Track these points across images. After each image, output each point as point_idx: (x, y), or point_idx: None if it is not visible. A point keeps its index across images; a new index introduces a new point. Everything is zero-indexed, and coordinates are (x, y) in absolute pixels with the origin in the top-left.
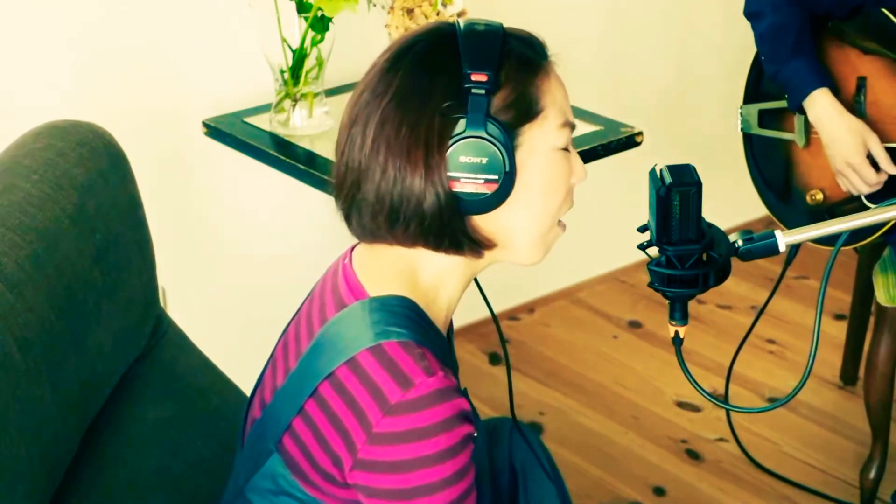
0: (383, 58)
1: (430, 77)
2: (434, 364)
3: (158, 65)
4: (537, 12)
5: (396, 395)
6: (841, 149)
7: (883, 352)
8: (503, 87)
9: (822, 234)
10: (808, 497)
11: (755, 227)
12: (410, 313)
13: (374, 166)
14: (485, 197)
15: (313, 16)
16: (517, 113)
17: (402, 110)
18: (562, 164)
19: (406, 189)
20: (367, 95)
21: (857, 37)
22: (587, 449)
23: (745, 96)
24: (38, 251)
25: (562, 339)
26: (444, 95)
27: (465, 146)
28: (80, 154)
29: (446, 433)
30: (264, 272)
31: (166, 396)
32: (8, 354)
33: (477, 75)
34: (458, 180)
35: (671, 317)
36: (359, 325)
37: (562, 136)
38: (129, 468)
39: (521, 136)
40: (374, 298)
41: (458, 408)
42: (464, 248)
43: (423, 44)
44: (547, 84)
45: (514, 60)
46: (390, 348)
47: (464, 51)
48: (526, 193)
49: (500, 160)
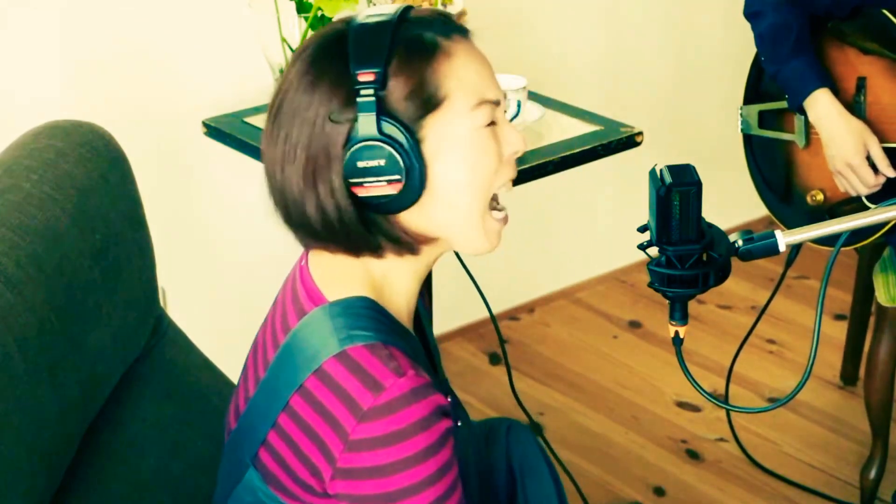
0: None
1: (317, 82)
2: (404, 363)
3: (158, 65)
4: (537, 12)
5: (368, 400)
6: (841, 149)
7: (883, 352)
8: (395, 79)
9: (823, 234)
10: (808, 497)
11: (755, 227)
12: (372, 313)
13: (284, 178)
14: (394, 197)
15: (313, 16)
16: (417, 104)
17: (294, 121)
18: (484, 144)
19: (310, 201)
20: (270, 105)
21: (856, 37)
22: (587, 449)
23: (745, 97)
24: (38, 251)
25: (562, 339)
26: (331, 100)
27: (359, 151)
28: (80, 154)
29: (424, 432)
30: (264, 272)
31: (166, 396)
32: (8, 354)
33: (363, 74)
34: (360, 185)
35: (671, 317)
36: (322, 333)
37: (479, 116)
38: (129, 468)
39: (424, 129)
40: (333, 303)
41: (434, 404)
42: (384, 250)
43: (313, 46)
44: (448, 66)
45: (404, 49)
46: (356, 353)
47: (351, 49)
48: (446, 183)
49: (397, 160)
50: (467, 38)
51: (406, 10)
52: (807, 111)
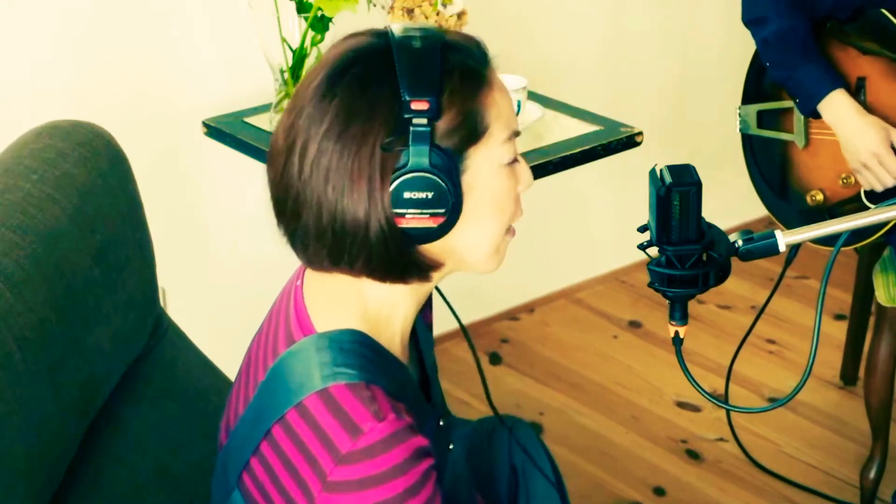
0: (317, 78)
1: (369, 107)
2: (384, 406)
3: (158, 65)
4: (537, 12)
5: (346, 444)
6: (865, 143)
7: (883, 352)
8: (447, 110)
9: (822, 234)
10: (808, 497)
11: (755, 227)
12: (360, 348)
13: (313, 199)
14: (432, 229)
15: (313, 16)
16: (463, 136)
17: (340, 143)
18: (509, 179)
19: (349, 226)
20: (304, 121)
21: (856, 37)
22: (587, 449)
23: (744, 97)
24: (38, 251)
25: (562, 339)
26: (384, 127)
27: (409, 181)
28: (80, 154)
29: (403, 476)
30: (264, 272)
31: (166, 396)
32: (8, 354)
33: (417, 103)
34: (403, 216)
35: (671, 317)
36: (306, 366)
37: (508, 150)
38: (129, 468)
39: (467, 160)
40: (321, 335)
41: (413, 447)
42: (412, 278)
43: (358, 67)
44: (490, 97)
45: (457, 79)
46: (337, 392)
47: (402, 74)
48: (474, 214)
49: (446, 193)
50: (492, 64)
51: (443, 33)
52: (822, 113)
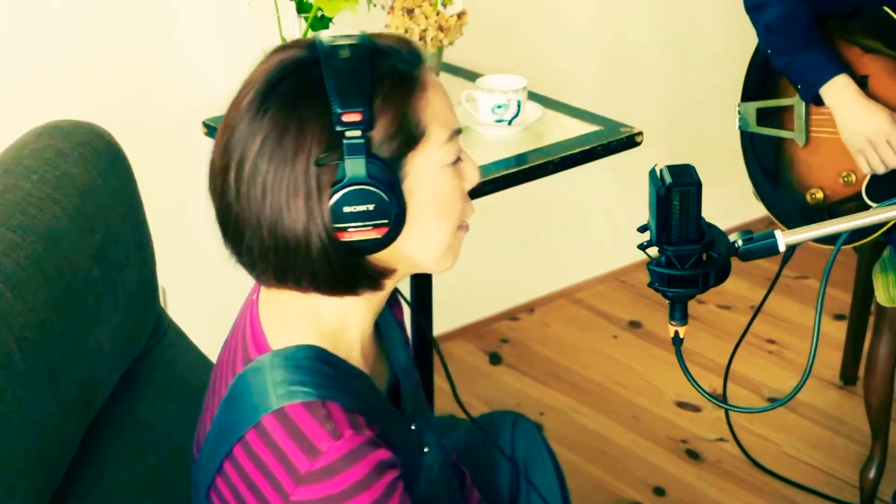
0: (248, 95)
1: (300, 123)
2: (341, 423)
3: (158, 65)
4: (537, 13)
5: (305, 465)
6: (873, 123)
7: (883, 352)
8: (380, 119)
9: (823, 234)
10: (808, 497)
11: (755, 227)
12: (316, 364)
13: (252, 218)
14: (377, 240)
15: (313, 16)
16: (400, 142)
17: (275, 161)
18: (453, 179)
19: (291, 244)
20: (237, 140)
21: (858, 35)
22: (587, 449)
23: (744, 94)
24: (38, 251)
25: (562, 339)
26: (317, 142)
27: (347, 195)
28: (80, 154)
29: (366, 491)
30: None
31: (166, 396)
32: (8, 354)
33: (349, 115)
34: (345, 230)
35: (671, 317)
36: (263, 385)
37: (450, 150)
38: (129, 468)
39: (406, 166)
40: (276, 353)
41: (374, 462)
42: (361, 288)
43: (288, 81)
44: (424, 99)
45: (388, 85)
46: (293, 412)
47: (331, 86)
48: (419, 219)
49: (387, 204)
50: (425, 63)
51: (372, 39)
52: (824, 97)
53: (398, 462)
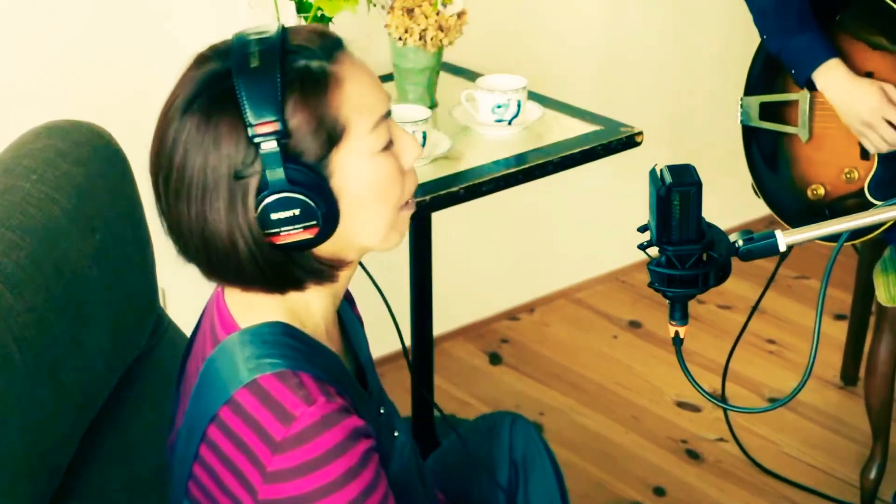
0: (168, 109)
1: (215, 138)
2: (314, 390)
3: (158, 65)
4: (537, 12)
5: (280, 431)
6: (866, 102)
7: (883, 352)
8: (295, 124)
9: (823, 233)
10: (808, 497)
11: (755, 227)
12: (283, 338)
13: (184, 227)
14: (312, 239)
15: (313, 16)
16: (320, 144)
17: (197, 177)
18: (385, 163)
19: (220, 251)
20: (162, 152)
21: (864, 32)
22: (587, 449)
23: (747, 88)
24: (38, 251)
25: (562, 339)
26: (233, 156)
27: (271, 204)
28: (79, 154)
29: (341, 457)
30: None
31: (166, 397)
32: (8, 354)
33: (262, 126)
34: (276, 235)
35: (671, 317)
36: (233, 362)
37: (378, 137)
38: (129, 468)
39: (331, 165)
40: (244, 330)
41: (348, 428)
42: (308, 283)
43: (202, 98)
44: (341, 94)
45: (298, 87)
46: (266, 382)
47: (244, 98)
48: (355, 210)
49: (312, 206)
50: (345, 48)
51: (284, 36)
52: (816, 81)
53: (372, 433)
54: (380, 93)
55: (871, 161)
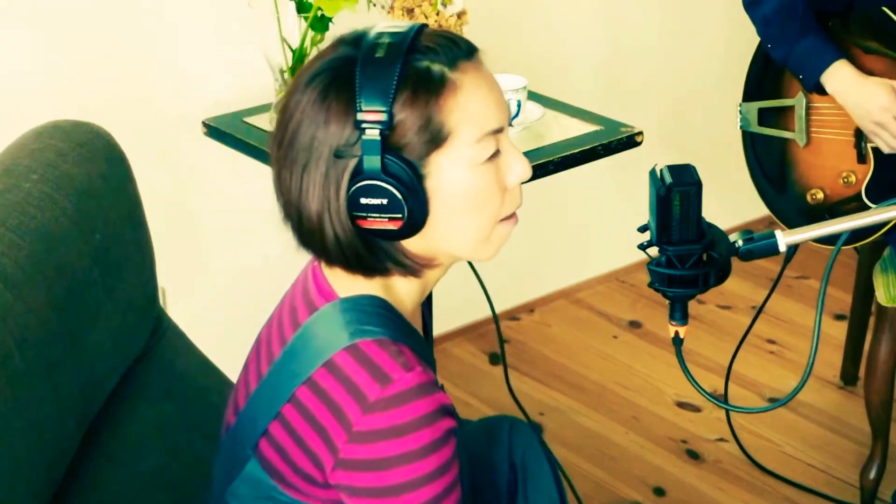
0: (293, 85)
1: (326, 116)
2: (412, 359)
3: (158, 65)
4: (537, 12)
5: (375, 391)
6: (875, 101)
7: (883, 352)
8: (402, 117)
9: (823, 234)
10: (808, 497)
11: (755, 227)
12: (383, 311)
13: (287, 194)
14: (396, 231)
15: (313, 16)
16: (423, 143)
17: (302, 151)
18: (485, 176)
19: (309, 224)
20: (282, 122)
21: (858, 36)
22: (587, 449)
23: (745, 94)
24: (38, 251)
25: (562, 339)
26: (338, 135)
27: (363, 188)
28: (80, 154)
29: (428, 427)
30: (263, 272)
31: (166, 396)
32: (8, 354)
33: (369, 113)
34: (364, 219)
35: (671, 317)
36: (333, 327)
37: (484, 148)
38: (129, 468)
39: (429, 165)
40: (345, 299)
41: (439, 402)
42: (391, 273)
43: (324, 76)
44: (453, 101)
45: (412, 86)
46: (366, 347)
47: (360, 82)
48: (449, 214)
49: (399, 199)
50: (474, 60)
51: (417, 35)
52: (825, 85)
53: (456, 415)
54: (496, 108)
55: (868, 164)
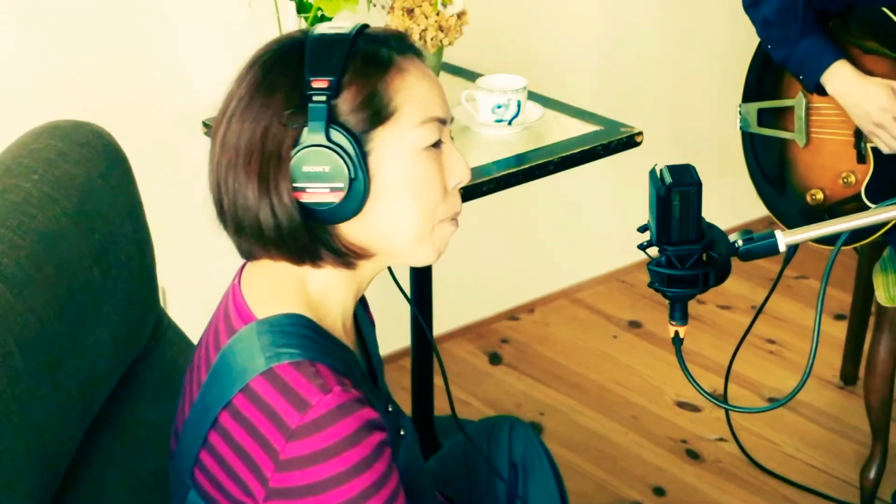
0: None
1: (272, 86)
2: (330, 380)
3: (158, 65)
4: (537, 12)
5: (295, 419)
6: (874, 101)
7: (883, 352)
8: (348, 90)
9: (823, 234)
10: (808, 497)
11: (755, 227)
12: (302, 329)
13: (222, 181)
14: (335, 206)
15: (313, 16)
16: (366, 116)
17: (242, 121)
18: (428, 164)
19: (264, 206)
20: (222, 104)
21: (858, 36)
22: (587, 449)
23: (745, 95)
24: (38, 251)
25: (562, 339)
26: (284, 104)
27: (306, 155)
28: (80, 154)
29: (354, 447)
30: None
31: (166, 396)
32: (8, 354)
33: (317, 81)
34: (303, 191)
35: (671, 317)
36: (249, 351)
37: (424, 134)
38: (129, 468)
39: (372, 141)
40: (262, 321)
41: (363, 419)
42: (323, 260)
43: (270, 53)
44: (399, 81)
45: (360, 61)
46: (283, 371)
47: (308, 57)
48: (388, 198)
49: (343, 167)
50: (421, 59)
51: (363, 27)
52: (826, 85)
53: (385, 426)
54: (440, 100)
55: (868, 164)
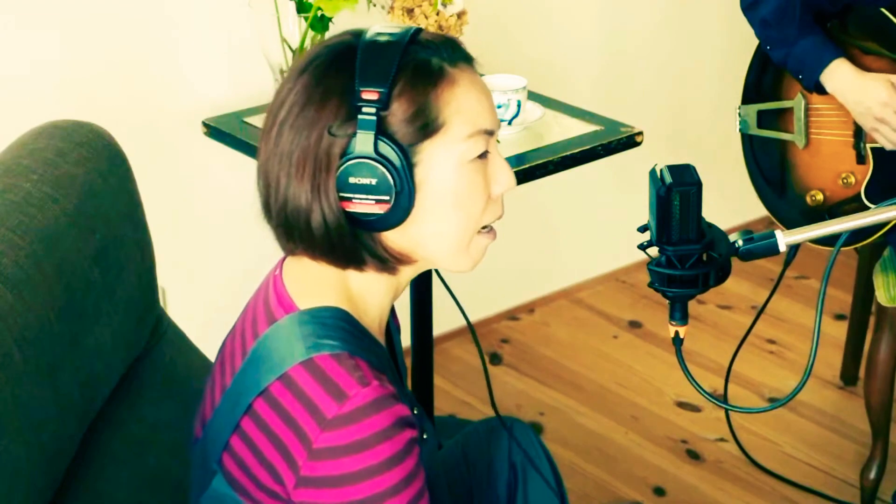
0: (292, 68)
1: (323, 95)
2: (368, 374)
3: (158, 65)
4: (537, 12)
5: (332, 409)
6: (875, 97)
7: (883, 352)
8: (398, 101)
9: (822, 234)
10: (808, 497)
11: (755, 227)
12: (342, 323)
13: (273, 183)
14: (381, 216)
15: (313, 16)
16: (415, 129)
17: (294, 129)
18: (473, 176)
19: (296, 207)
20: (272, 107)
21: (857, 36)
22: (587, 449)
23: (744, 97)
24: (38, 251)
25: (562, 339)
26: (334, 114)
27: (353, 167)
28: (80, 154)
29: (388, 441)
30: (264, 272)
31: (166, 396)
32: (8, 354)
33: (367, 92)
34: (350, 200)
35: (671, 317)
36: (290, 340)
37: (473, 146)
38: (129, 468)
39: (420, 153)
40: (304, 311)
41: (397, 415)
42: (367, 265)
43: (322, 58)
44: (450, 93)
45: (411, 73)
46: (322, 361)
47: (360, 65)
48: (433, 208)
49: (389, 180)
50: (471, 65)
51: (416, 32)
52: (825, 84)
53: (417, 424)
54: (490, 111)
55: (867, 165)
